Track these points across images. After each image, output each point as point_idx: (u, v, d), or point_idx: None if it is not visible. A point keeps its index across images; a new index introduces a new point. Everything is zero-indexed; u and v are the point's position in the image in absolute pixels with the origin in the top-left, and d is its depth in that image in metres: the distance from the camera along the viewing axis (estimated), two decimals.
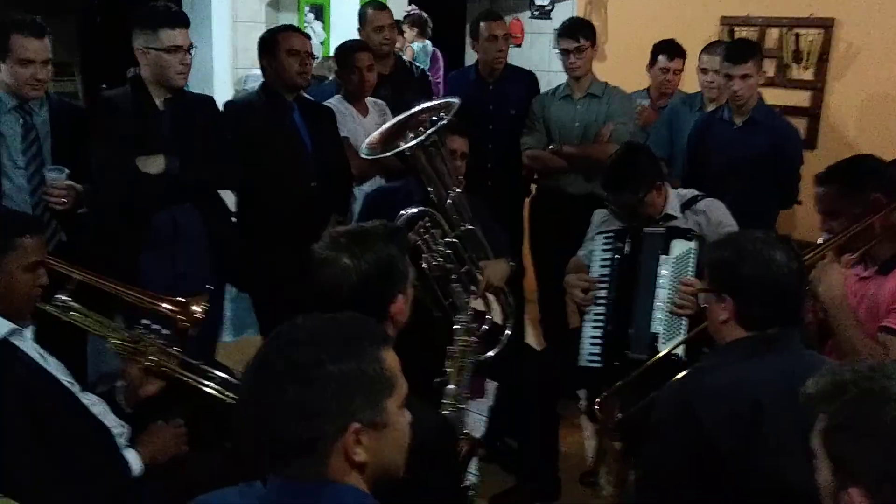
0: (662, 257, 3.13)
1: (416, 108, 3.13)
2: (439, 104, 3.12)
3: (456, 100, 3.07)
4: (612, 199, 3.35)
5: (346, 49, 4.17)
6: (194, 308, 2.78)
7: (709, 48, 4.37)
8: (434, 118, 3.01)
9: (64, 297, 2.52)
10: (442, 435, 1.94)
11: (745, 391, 1.92)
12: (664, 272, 3.12)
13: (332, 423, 1.32)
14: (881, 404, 1.27)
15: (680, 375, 2.38)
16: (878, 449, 1.26)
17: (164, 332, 2.56)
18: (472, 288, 3.18)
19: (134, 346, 2.51)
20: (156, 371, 2.51)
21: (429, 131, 2.92)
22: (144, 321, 2.55)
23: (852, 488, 1.27)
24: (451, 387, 2.51)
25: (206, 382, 2.58)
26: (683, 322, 3.04)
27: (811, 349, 2.23)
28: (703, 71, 4.31)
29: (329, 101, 4.12)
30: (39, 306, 2.45)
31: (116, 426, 2.40)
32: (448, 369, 2.56)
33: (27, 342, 2.31)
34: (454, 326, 2.67)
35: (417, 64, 5.17)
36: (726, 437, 1.89)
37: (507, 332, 3.29)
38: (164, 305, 2.75)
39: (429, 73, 5.19)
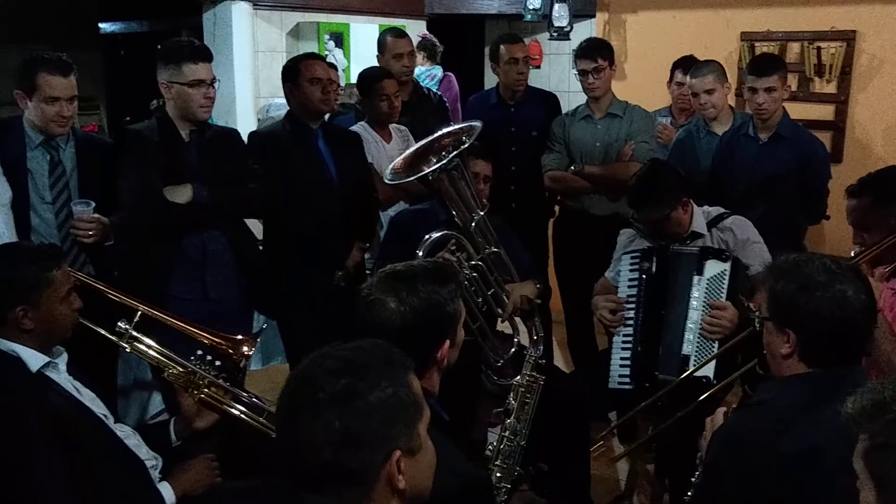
0: (696, 277, 3.10)
1: (439, 133, 3.14)
2: (461, 128, 3.12)
3: (478, 123, 3.07)
4: (637, 217, 3.32)
5: (371, 76, 4.20)
6: (244, 348, 2.80)
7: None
8: (456, 142, 3.01)
9: (125, 326, 2.60)
10: (482, 493, 1.90)
11: (807, 436, 1.80)
12: (696, 293, 3.08)
13: (379, 452, 1.33)
14: None
15: (736, 412, 2.23)
16: None
17: (217, 363, 2.60)
18: (499, 310, 3.17)
19: (190, 378, 2.54)
20: (209, 404, 2.54)
21: (451, 155, 2.92)
22: (199, 352, 2.60)
23: None
24: (511, 421, 2.45)
25: (257, 418, 2.60)
26: (714, 344, 3.00)
27: None
28: (694, 95, 4.29)
29: (353, 127, 4.15)
30: (103, 333, 2.58)
31: (150, 458, 2.41)
32: (511, 402, 2.51)
33: (62, 375, 2.34)
34: (525, 360, 2.61)
35: (428, 88, 5.18)
36: (785, 482, 1.80)
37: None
38: (217, 340, 2.78)
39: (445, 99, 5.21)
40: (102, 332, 2.56)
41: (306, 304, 3.66)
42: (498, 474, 2.34)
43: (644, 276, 3.25)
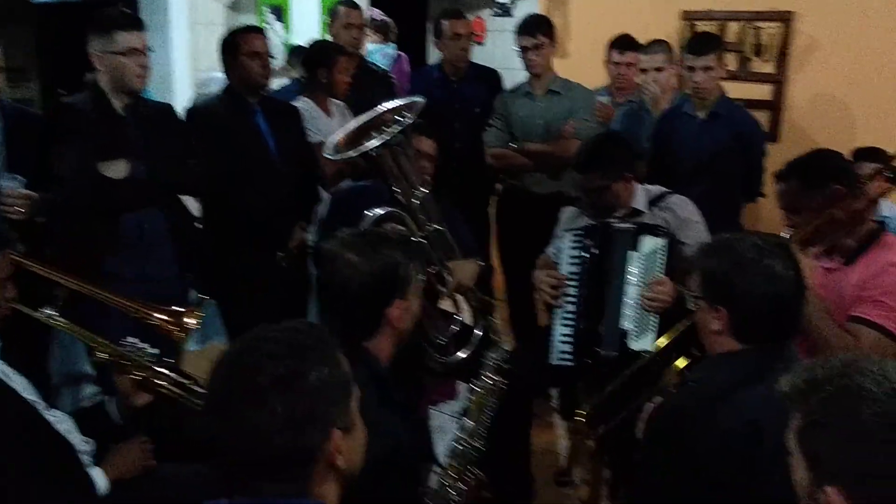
0: (632, 253, 3.13)
1: (381, 108, 3.10)
2: (403, 104, 3.09)
3: (421, 99, 3.04)
4: (579, 182, 3.33)
5: (332, 48, 4.14)
6: (187, 320, 2.71)
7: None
8: (399, 118, 2.98)
9: (49, 311, 2.47)
10: (399, 452, 1.89)
11: (743, 412, 1.83)
12: (633, 269, 3.11)
13: (321, 433, 1.32)
14: (856, 402, 1.26)
15: (672, 392, 2.26)
16: (856, 447, 1.24)
17: (151, 350, 2.50)
18: (442, 288, 3.16)
19: (120, 360, 2.47)
20: (144, 385, 2.47)
21: (395, 131, 2.89)
22: (131, 339, 2.50)
23: (829, 487, 1.25)
24: (469, 423, 2.44)
25: (195, 400, 2.54)
26: (653, 317, 3.04)
27: None
28: (642, 71, 4.31)
29: (295, 102, 4.09)
30: (30, 314, 2.45)
31: (81, 444, 2.34)
32: (470, 405, 2.50)
33: None
34: (485, 363, 2.59)
35: (376, 64, 5.15)
36: (723, 460, 1.82)
37: (478, 332, 3.27)
38: (158, 316, 2.69)
39: (392, 75, 5.17)
40: (27, 311, 2.46)
41: (247, 284, 3.61)
42: (451, 473, 2.32)
43: (585, 254, 3.26)
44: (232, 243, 3.59)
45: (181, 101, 4.99)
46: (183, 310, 2.72)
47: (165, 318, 2.69)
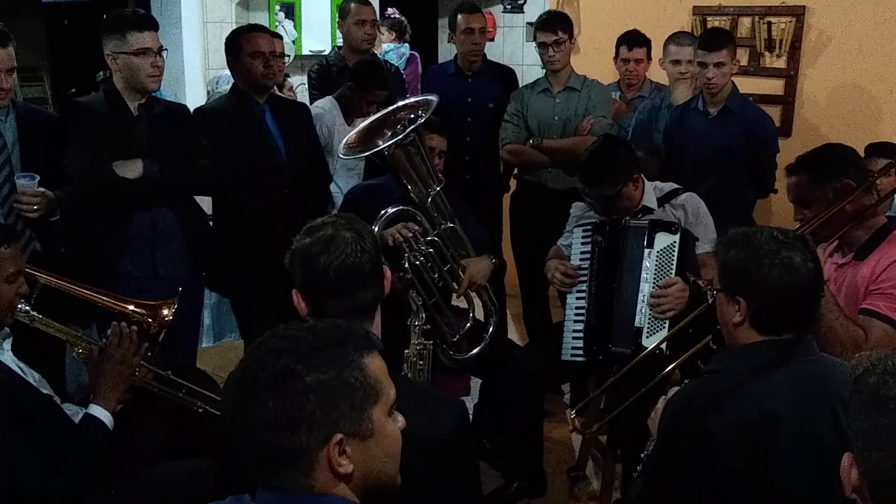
0: (646, 250, 3.12)
1: (395, 106, 3.11)
2: (417, 102, 3.10)
3: (434, 97, 3.04)
4: (588, 193, 3.33)
5: (368, 77, 4.10)
6: (164, 311, 2.71)
7: (676, 38, 4.31)
8: (412, 116, 2.99)
9: (25, 308, 2.41)
10: (464, 426, 1.89)
11: (760, 401, 1.85)
12: (647, 265, 3.11)
13: (315, 435, 1.30)
14: (880, 405, 1.26)
15: (689, 381, 2.25)
16: (871, 448, 1.26)
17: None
18: (455, 286, 3.17)
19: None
20: None
21: (408, 130, 2.89)
22: (108, 332, 2.48)
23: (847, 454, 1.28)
24: None
25: (174, 392, 2.56)
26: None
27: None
28: (675, 63, 4.28)
29: (319, 102, 4.11)
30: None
31: None
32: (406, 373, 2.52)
33: (6, 354, 2.28)
34: (412, 330, 2.60)
35: (388, 61, 5.16)
36: (739, 448, 1.83)
37: (491, 328, 3.28)
38: (132, 308, 2.68)
39: (403, 72, 5.18)
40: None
41: (259, 282, 3.62)
42: None
43: (596, 249, 3.26)
44: (243, 242, 3.60)
45: (193, 98, 5.02)
46: (156, 302, 2.71)
47: (140, 310, 2.68)
